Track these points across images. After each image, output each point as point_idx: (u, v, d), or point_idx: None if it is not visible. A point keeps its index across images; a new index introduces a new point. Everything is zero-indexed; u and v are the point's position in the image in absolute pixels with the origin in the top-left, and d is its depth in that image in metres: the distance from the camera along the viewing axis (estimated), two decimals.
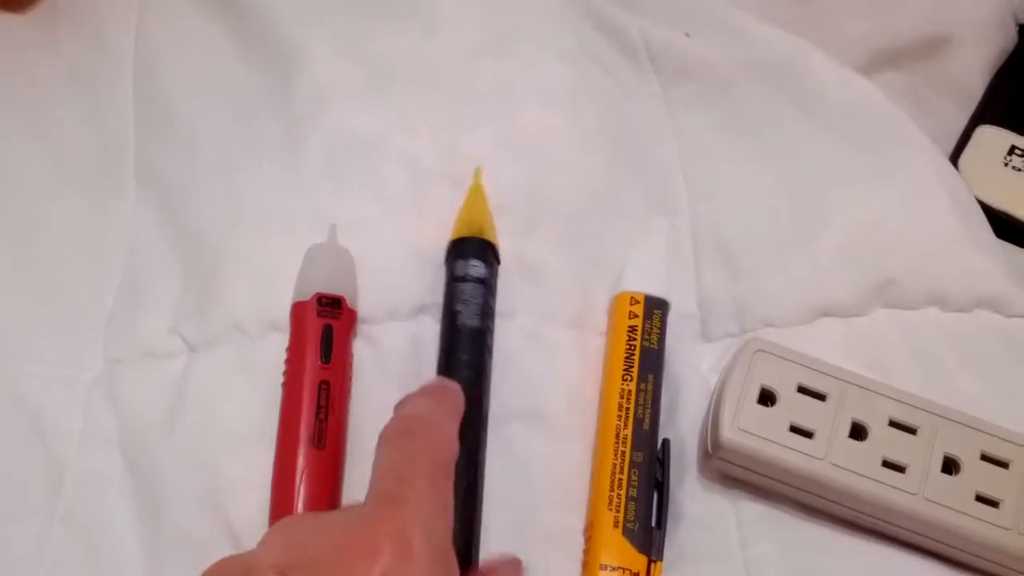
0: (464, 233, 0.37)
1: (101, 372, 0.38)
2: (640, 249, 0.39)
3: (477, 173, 0.39)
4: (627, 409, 0.35)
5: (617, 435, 0.35)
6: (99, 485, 0.36)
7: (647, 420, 0.35)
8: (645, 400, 0.35)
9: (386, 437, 0.29)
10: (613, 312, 0.38)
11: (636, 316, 0.37)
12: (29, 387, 0.37)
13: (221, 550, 0.33)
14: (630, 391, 0.35)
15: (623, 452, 0.34)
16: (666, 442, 0.35)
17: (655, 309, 0.37)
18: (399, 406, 0.31)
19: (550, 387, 0.37)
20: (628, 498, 0.34)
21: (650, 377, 0.36)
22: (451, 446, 0.29)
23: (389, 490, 0.27)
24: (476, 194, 0.39)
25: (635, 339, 0.36)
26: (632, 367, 0.36)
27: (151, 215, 0.41)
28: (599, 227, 0.40)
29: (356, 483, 0.35)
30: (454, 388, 0.33)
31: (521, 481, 0.35)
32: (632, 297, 0.37)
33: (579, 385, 0.37)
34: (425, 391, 0.32)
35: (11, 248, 0.40)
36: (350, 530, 0.26)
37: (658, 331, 0.37)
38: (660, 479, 0.34)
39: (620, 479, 0.34)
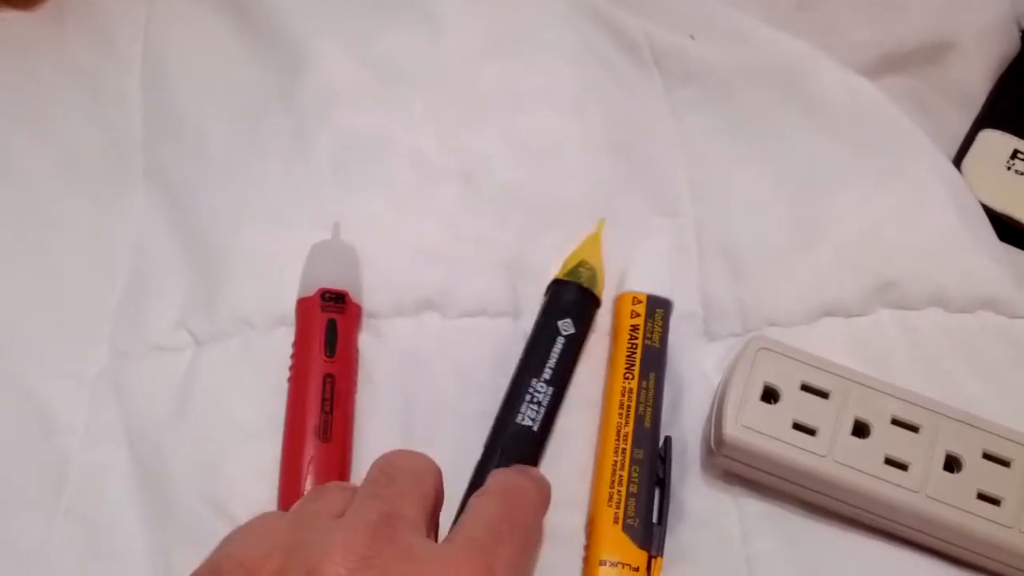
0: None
1: (107, 366, 0.38)
2: (642, 249, 0.39)
3: (600, 223, 0.39)
4: (628, 407, 0.35)
5: (618, 432, 0.35)
6: (104, 479, 0.36)
7: (648, 418, 0.35)
8: (647, 398, 0.35)
9: (487, 493, 0.30)
10: (616, 312, 0.38)
11: (638, 315, 0.37)
12: (34, 381, 0.37)
13: None
14: (631, 389, 0.35)
15: (624, 449, 0.34)
16: (668, 439, 0.35)
17: (657, 308, 0.37)
18: (494, 474, 0.32)
19: None
20: (628, 494, 0.34)
21: (652, 375, 0.36)
22: (541, 533, 0.31)
23: (481, 540, 0.28)
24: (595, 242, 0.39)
25: (637, 338, 0.36)
26: (634, 365, 0.36)
27: (158, 212, 0.41)
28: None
29: (363, 474, 0.34)
30: (547, 485, 0.33)
31: None
32: (634, 297, 0.37)
33: (582, 384, 0.37)
34: (526, 472, 0.32)
35: (19, 244, 0.40)
36: (435, 563, 0.26)
37: (660, 330, 0.37)
38: (662, 476, 0.34)
39: (621, 476, 0.34)
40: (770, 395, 0.35)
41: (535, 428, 0.34)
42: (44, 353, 0.38)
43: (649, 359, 0.36)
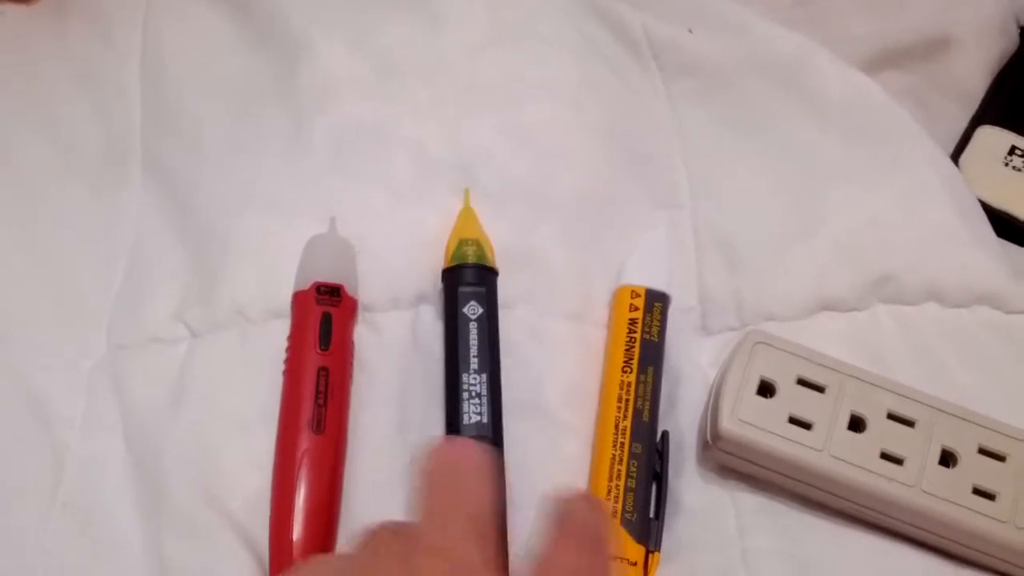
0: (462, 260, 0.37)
1: (104, 357, 0.38)
2: (641, 243, 0.39)
3: (467, 193, 0.39)
4: (627, 401, 0.35)
5: (616, 426, 0.35)
6: (100, 470, 0.36)
7: (646, 412, 0.35)
8: (645, 392, 0.35)
9: (569, 536, 0.26)
10: (614, 305, 0.38)
11: (637, 309, 0.37)
12: (32, 372, 0.37)
13: (221, 534, 0.34)
14: (630, 383, 0.35)
15: (622, 443, 0.34)
16: (665, 434, 0.35)
17: (656, 302, 0.37)
18: (569, 508, 0.27)
19: (550, 380, 0.37)
20: (627, 489, 0.34)
21: (650, 369, 0.36)
22: None
23: None
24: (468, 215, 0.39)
25: (635, 332, 0.36)
26: (632, 359, 0.36)
27: (157, 204, 0.41)
28: (600, 220, 0.40)
29: (358, 467, 0.35)
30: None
31: (520, 474, 0.35)
32: (633, 290, 0.37)
33: (579, 378, 0.37)
34: (597, 507, 0.28)
35: (17, 236, 0.40)
36: None
37: (658, 324, 0.37)
38: (659, 470, 0.34)
39: (619, 470, 0.34)
40: (766, 389, 0.34)
41: (484, 420, 0.34)
42: (42, 344, 0.38)
43: (647, 353, 0.36)
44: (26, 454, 0.36)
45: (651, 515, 0.34)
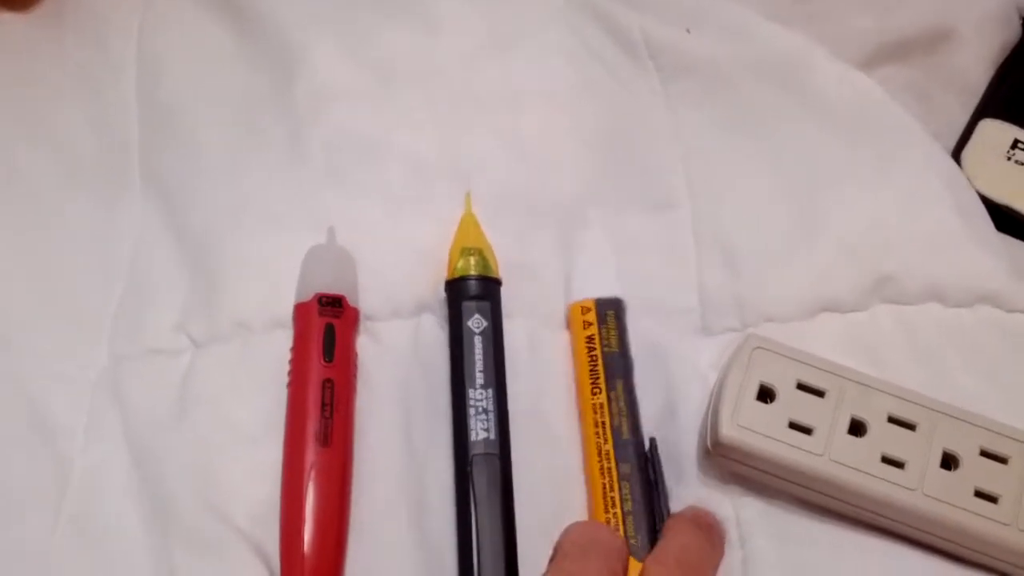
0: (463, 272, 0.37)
1: (106, 369, 0.38)
2: (580, 250, 0.39)
3: (467, 198, 0.39)
4: (603, 423, 0.35)
5: (599, 452, 0.34)
6: (105, 481, 0.36)
7: (625, 429, 0.35)
8: (619, 409, 0.35)
9: (663, 565, 0.31)
10: (569, 325, 0.37)
11: (590, 324, 0.36)
12: (34, 384, 0.37)
13: (227, 546, 0.34)
14: (601, 404, 0.35)
15: (609, 468, 0.34)
16: (653, 441, 0.35)
17: (608, 311, 0.37)
18: (672, 534, 0.32)
19: (549, 390, 0.37)
20: (624, 514, 0.33)
21: (619, 383, 0.35)
22: None
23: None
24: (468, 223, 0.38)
25: (595, 349, 0.36)
26: (598, 379, 0.35)
27: (156, 214, 0.41)
28: (599, 226, 0.40)
29: (363, 479, 0.35)
30: (723, 530, 0.33)
31: (522, 487, 0.34)
32: (582, 306, 0.37)
33: (574, 395, 0.37)
34: (700, 526, 0.33)
35: (17, 248, 0.40)
36: None
37: (616, 333, 0.36)
38: (653, 479, 0.34)
39: (612, 497, 0.34)
40: (766, 394, 0.34)
41: (492, 436, 0.34)
42: (44, 356, 0.38)
43: (612, 367, 0.36)
44: (30, 466, 0.36)
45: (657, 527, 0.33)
